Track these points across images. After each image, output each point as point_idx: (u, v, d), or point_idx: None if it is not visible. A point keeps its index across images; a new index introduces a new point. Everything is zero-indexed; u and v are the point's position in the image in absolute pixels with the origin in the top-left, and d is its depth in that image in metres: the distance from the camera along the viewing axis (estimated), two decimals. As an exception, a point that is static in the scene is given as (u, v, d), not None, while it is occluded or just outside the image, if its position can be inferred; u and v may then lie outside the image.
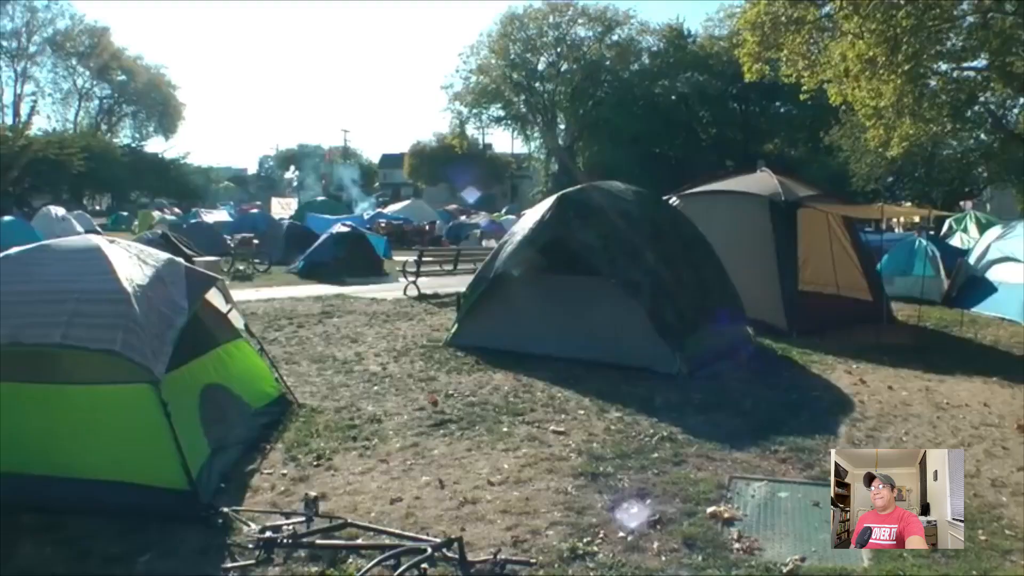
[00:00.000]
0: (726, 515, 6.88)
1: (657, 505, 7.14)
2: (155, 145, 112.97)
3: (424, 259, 23.94)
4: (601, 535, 6.50)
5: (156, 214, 60.13)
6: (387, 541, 6.29)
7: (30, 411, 7.52)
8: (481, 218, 57.23)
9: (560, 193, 13.82)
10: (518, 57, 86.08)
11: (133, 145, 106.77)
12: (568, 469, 8.06)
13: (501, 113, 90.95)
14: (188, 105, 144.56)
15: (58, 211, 48.07)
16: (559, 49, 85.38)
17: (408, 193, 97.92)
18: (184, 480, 6.99)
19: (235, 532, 6.65)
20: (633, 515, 6.90)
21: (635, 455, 8.43)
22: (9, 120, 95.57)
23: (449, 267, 25.17)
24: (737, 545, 6.34)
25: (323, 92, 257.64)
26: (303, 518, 6.59)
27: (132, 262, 8.22)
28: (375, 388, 11.45)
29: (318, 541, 6.30)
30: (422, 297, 21.58)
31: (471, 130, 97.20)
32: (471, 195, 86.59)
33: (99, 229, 45.57)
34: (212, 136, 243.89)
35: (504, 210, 70.88)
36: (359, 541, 6.36)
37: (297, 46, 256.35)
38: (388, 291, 22.89)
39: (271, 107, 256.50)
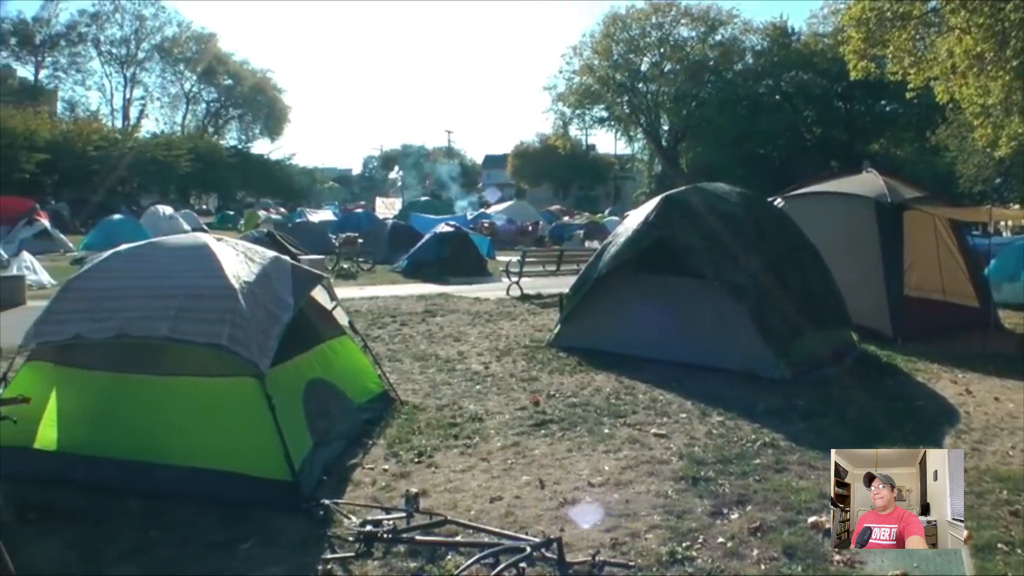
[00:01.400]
0: (827, 525, 6.72)
1: (757, 512, 7.04)
2: (261, 146, 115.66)
3: (527, 259, 23.96)
4: (700, 540, 6.44)
5: (262, 213, 61.16)
6: (486, 539, 6.30)
7: (137, 400, 7.79)
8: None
9: (664, 194, 13.71)
10: (621, 58, 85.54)
11: (239, 147, 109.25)
12: (669, 472, 8.00)
13: (604, 114, 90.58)
14: (294, 107, 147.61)
15: (166, 210, 49.16)
16: (662, 49, 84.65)
17: (510, 194, 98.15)
18: (287, 472, 7.11)
19: (335, 525, 6.74)
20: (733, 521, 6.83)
21: (736, 460, 8.33)
22: (119, 123, 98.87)
23: (552, 268, 25.15)
24: (838, 557, 6.21)
25: (427, 93, 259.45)
26: (403, 514, 6.64)
27: (239, 259, 8.39)
28: (477, 387, 11.51)
29: (418, 537, 6.34)
30: (525, 297, 21.61)
31: (574, 131, 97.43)
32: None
33: (205, 227, 46.52)
34: (317, 137, 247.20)
35: (607, 211, 70.50)
36: (458, 538, 6.39)
37: (401, 47, 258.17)
38: (491, 291, 22.99)
39: (376, 108, 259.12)
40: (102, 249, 16.32)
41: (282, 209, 72.88)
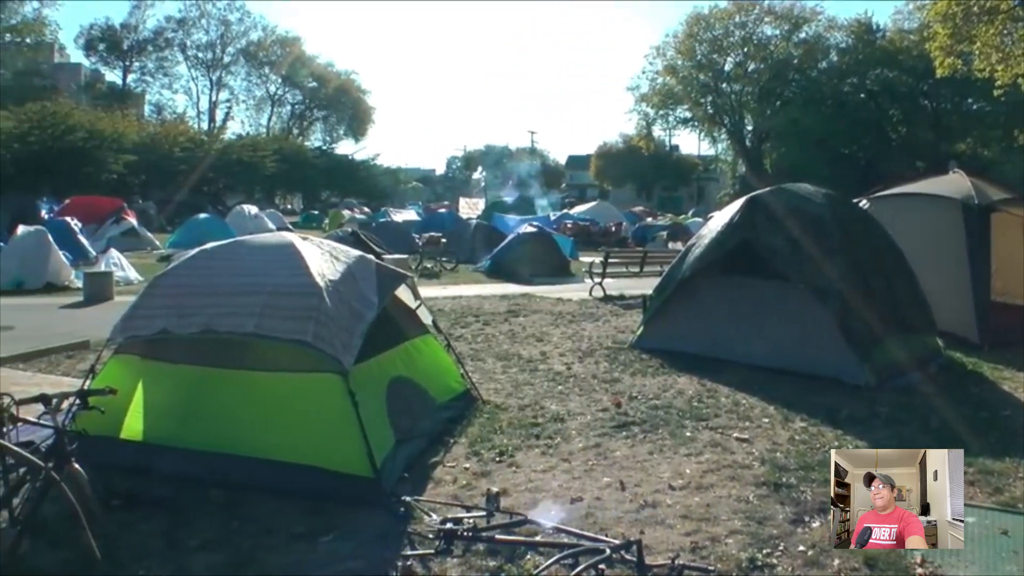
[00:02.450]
0: None
1: None
2: (345, 147, 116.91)
3: (610, 260, 23.93)
4: (781, 547, 6.38)
5: (346, 213, 61.66)
6: (566, 540, 6.31)
7: (222, 394, 7.96)
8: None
9: (749, 195, 13.59)
10: (704, 58, 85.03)
11: (324, 148, 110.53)
12: (751, 477, 7.95)
13: (688, 115, 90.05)
14: (378, 108, 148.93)
15: (251, 209, 49.74)
16: (746, 49, 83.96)
17: (594, 194, 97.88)
18: (369, 468, 7.20)
19: (416, 521, 6.81)
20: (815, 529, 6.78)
21: (819, 467, 8.15)
22: (205, 125, 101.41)
23: (635, 269, 25.10)
24: (920, 570, 6.09)
25: (511, 93, 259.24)
26: (484, 512, 6.66)
27: (324, 258, 8.51)
28: (559, 387, 11.53)
29: (497, 536, 6.37)
30: (608, 298, 21.53)
31: (658, 131, 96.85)
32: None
33: (290, 227, 47.06)
34: (401, 138, 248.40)
35: (690, 212, 69.95)
36: (538, 538, 6.40)
37: (485, 47, 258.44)
38: (574, 291, 22.95)
39: (459, 109, 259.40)
40: (188, 247, 16.65)
41: (366, 209, 73.45)
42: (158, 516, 6.96)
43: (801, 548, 6.38)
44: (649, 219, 57.65)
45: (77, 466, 5.93)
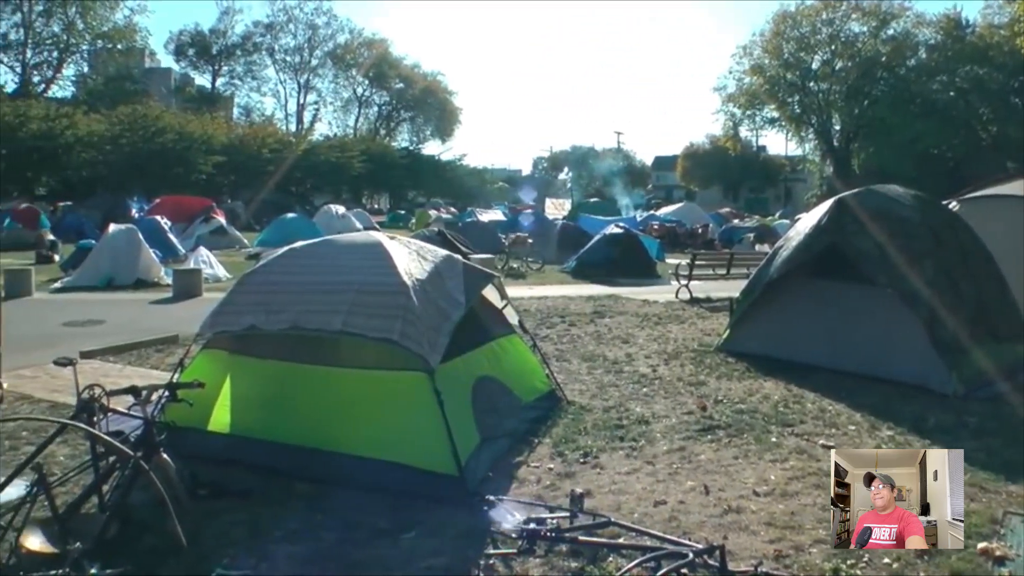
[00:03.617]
0: (998, 552, 6.36)
1: None
2: (432, 148, 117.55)
3: (697, 262, 23.73)
4: (865, 559, 6.21)
5: (432, 213, 61.97)
6: (648, 543, 6.27)
7: (308, 389, 8.07)
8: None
9: (837, 197, 13.33)
10: (791, 56, 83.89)
11: (411, 148, 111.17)
12: (837, 486, 7.82)
13: (775, 114, 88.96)
14: (464, 109, 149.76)
15: (338, 209, 50.37)
16: (833, 47, 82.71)
17: (680, 195, 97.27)
18: (453, 466, 7.22)
19: (499, 520, 6.80)
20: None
21: (905, 478, 8.03)
22: (293, 127, 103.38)
23: (722, 271, 24.84)
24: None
25: (597, 94, 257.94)
26: (567, 513, 6.65)
27: (411, 257, 8.56)
28: (644, 390, 11.46)
29: (580, 537, 6.34)
30: (694, 301, 21.35)
31: (744, 132, 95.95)
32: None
33: (377, 226, 47.48)
34: (488, 138, 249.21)
35: (777, 214, 69.01)
36: (621, 541, 6.36)
37: (571, 48, 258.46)
38: (660, 293, 22.77)
39: (546, 110, 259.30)
40: (276, 246, 16.89)
41: (452, 209, 73.79)
42: (243, 507, 7.07)
43: (886, 560, 6.21)
44: (736, 221, 56.95)
45: (165, 456, 6.05)
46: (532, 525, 6.43)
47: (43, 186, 63.58)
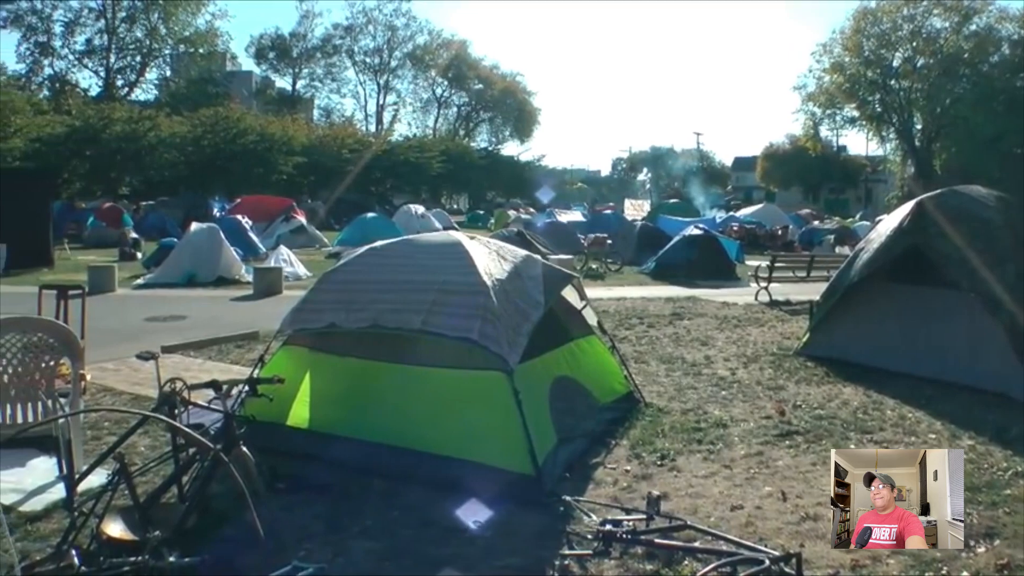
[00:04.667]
0: None
1: (1006, 548, 6.54)
2: (511, 148, 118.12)
3: (776, 264, 23.47)
4: (944, 572, 6.07)
5: (511, 213, 62.09)
6: (724, 548, 6.21)
7: (386, 387, 8.12)
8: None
9: (918, 199, 13.06)
10: (872, 54, 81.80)
11: (490, 148, 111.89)
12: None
13: (855, 114, 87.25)
14: (543, 110, 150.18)
15: (417, 209, 50.69)
16: (914, 43, 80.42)
17: (759, 196, 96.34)
18: (530, 466, 7.20)
19: (575, 521, 6.77)
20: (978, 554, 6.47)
21: (986, 489, 7.76)
22: (372, 127, 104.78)
23: (802, 273, 24.53)
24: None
25: (677, 94, 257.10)
26: (644, 515, 6.60)
27: (491, 257, 8.57)
28: (723, 393, 11.35)
29: (656, 540, 6.28)
30: (773, 303, 21.13)
31: (824, 132, 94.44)
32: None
33: (456, 226, 47.69)
34: (567, 139, 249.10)
35: (858, 215, 67.89)
36: (697, 544, 6.31)
37: (650, 48, 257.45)
38: (739, 295, 22.57)
39: (625, 110, 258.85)
40: (356, 245, 17.03)
41: (531, 209, 73.94)
42: (320, 501, 7.13)
43: (965, 574, 6.07)
44: (816, 222, 56.17)
45: (245, 449, 6.11)
46: (608, 527, 6.38)
47: (126, 186, 64.98)
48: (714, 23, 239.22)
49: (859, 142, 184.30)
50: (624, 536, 6.28)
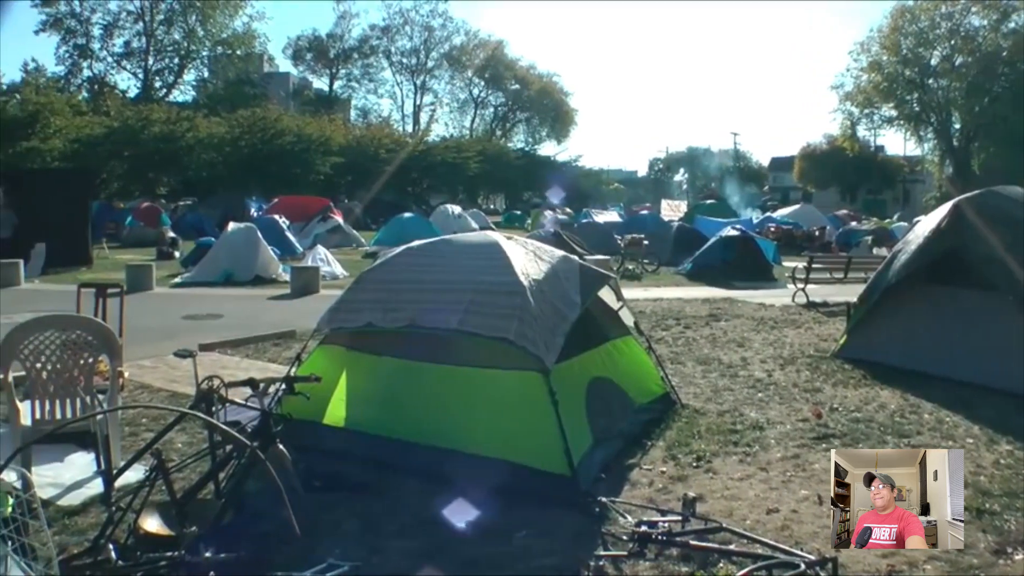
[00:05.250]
0: None
1: None
2: (548, 149, 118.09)
3: (813, 266, 23.30)
4: (980, 579, 6.02)
5: (548, 214, 62.11)
6: (760, 551, 6.17)
7: (423, 387, 8.14)
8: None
9: (956, 200, 12.93)
10: (910, 52, 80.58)
11: (526, 149, 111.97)
12: (952, 502, 7.54)
13: (893, 113, 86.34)
14: (580, 110, 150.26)
15: (454, 209, 50.83)
16: (952, 41, 79.16)
17: (796, 197, 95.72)
18: (566, 466, 7.19)
19: (610, 522, 6.77)
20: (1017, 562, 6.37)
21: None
22: (409, 128, 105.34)
23: (839, 275, 24.35)
24: None
25: (713, 94, 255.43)
26: (679, 517, 6.58)
27: (528, 257, 8.57)
28: (759, 395, 11.29)
29: (692, 542, 6.25)
30: (811, 305, 20.99)
31: (862, 131, 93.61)
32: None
33: (492, 226, 47.76)
34: (603, 139, 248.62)
35: (895, 216, 67.26)
36: (732, 547, 6.27)
37: (687, 48, 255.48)
38: (776, 297, 22.47)
39: (661, 111, 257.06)
40: (392, 245, 17.10)
41: (568, 209, 73.82)
42: (356, 500, 7.16)
43: (999, 583, 6.00)
44: (853, 223, 55.71)
45: (282, 447, 6.14)
46: (644, 528, 6.37)
47: (164, 186, 65.55)
48: (752, 22, 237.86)
49: (897, 142, 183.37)
50: (659, 538, 6.26)
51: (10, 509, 5.14)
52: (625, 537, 6.41)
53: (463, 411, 7.91)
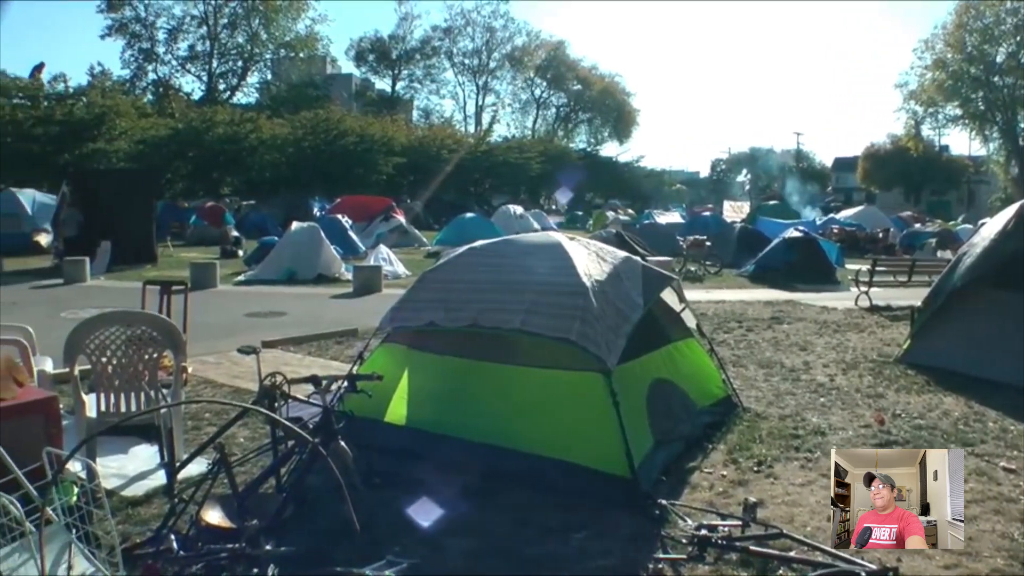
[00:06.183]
0: None
1: None
2: (610, 149, 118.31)
3: (877, 268, 23.02)
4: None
5: (610, 214, 61.89)
6: (820, 558, 6.08)
7: (484, 386, 8.16)
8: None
9: (1022, 201, 12.76)
10: (975, 49, 78.86)
11: (588, 149, 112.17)
12: (1017, 512, 7.34)
13: (958, 112, 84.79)
14: (642, 111, 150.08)
15: (516, 209, 50.81)
16: (1018, 37, 77.15)
17: (860, 198, 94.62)
18: (626, 468, 7.16)
19: (670, 525, 6.72)
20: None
21: (1093, 507, 7.51)
22: (471, 128, 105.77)
23: (903, 278, 24.05)
24: None
25: (776, 94, 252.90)
26: (739, 522, 6.53)
27: (591, 258, 8.56)
28: (821, 399, 11.17)
29: (751, 547, 6.21)
30: (874, 308, 20.72)
31: (926, 131, 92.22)
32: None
33: (554, 226, 47.74)
34: (665, 140, 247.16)
35: (960, 218, 66.08)
36: (792, 554, 6.20)
37: (749, 48, 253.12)
38: (839, 300, 22.22)
39: (724, 111, 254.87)
40: (454, 245, 17.16)
41: (630, 210, 73.60)
42: (416, 497, 7.15)
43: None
44: (917, 225, 54.99)
45: (343, 444, 6.18)
46: (703, 532, 6.33)
47: (228, 186, 66.20)
48: (816, 20, 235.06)
49: (961, 141, 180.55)
50: (719, 542, 6.22)
51: (75, 498, 5.25)
52: (684, 540, 6.37)
53: (524, 411, 7.91)
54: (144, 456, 8.42)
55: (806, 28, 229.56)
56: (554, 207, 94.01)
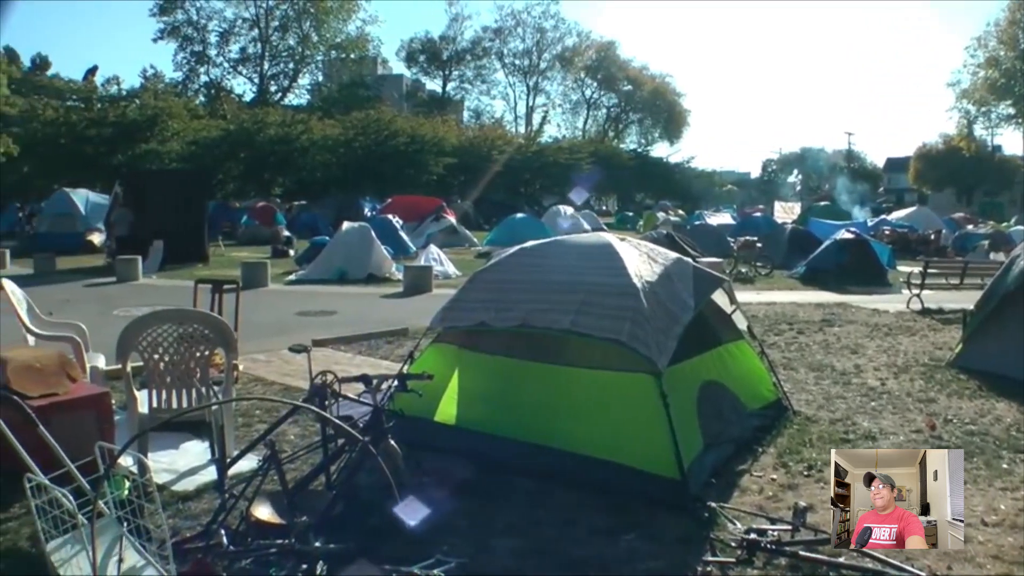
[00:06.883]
0: None
1: None
2: (660, 150, 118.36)
3: (929, 271, 22.77)
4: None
5: (660, 215, 61.72)
6: (869, 565, 6.03)
7: (534, 386, 8.15)
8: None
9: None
10: None
11: (639, 150, 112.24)
12: (1071, 521, 7.25)
13: (1011, 111, 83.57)
14: (693, 111, 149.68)
15: (566, 209, 50.89)
16: None
17: (911, 199, 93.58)
18: (676, 470, 7.12)
19: (719, 528, 6.69)
20: None
21: None
22: (522, 129, 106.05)
23: (955, 281, 23.78)
24: None
25: (827, 93, 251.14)
26: (789, 526, 6.48)
27: (642, 259, 8.53)
28: (872, 403, 11.06)
29: (801, 552, 6.17)
30: (925, 311, 20.51)
31: (979, 130, 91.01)
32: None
33: (604, 227, 47.67)
34: (716, 140, 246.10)
35: (1013, 220, 64.82)
36: (841, 560, 6.14)
37: (800, 48, 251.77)
38: (890, 302, 22.01)
39: (775, 111, 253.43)
40: (505, 245, 17.18)
41: (680, 211, 73.34)
42: (465, 497, 7.16)
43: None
44: (969, 226, 54.28)
45: (393, 442, 6.22)
46: (752, 535, 6.30)
47: (279, 186, 66.72)
48: (867, 19, 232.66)
49: (1015, 141, 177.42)
50: (768, 546, 6.20)
51: (127, 492, 5.34)
52: (733, 544, 6.34)
53: (573, 411, 7.91)
54: (195, 452, 8.55)
55: (858, 27, 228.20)
56: (604, 208, 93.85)
